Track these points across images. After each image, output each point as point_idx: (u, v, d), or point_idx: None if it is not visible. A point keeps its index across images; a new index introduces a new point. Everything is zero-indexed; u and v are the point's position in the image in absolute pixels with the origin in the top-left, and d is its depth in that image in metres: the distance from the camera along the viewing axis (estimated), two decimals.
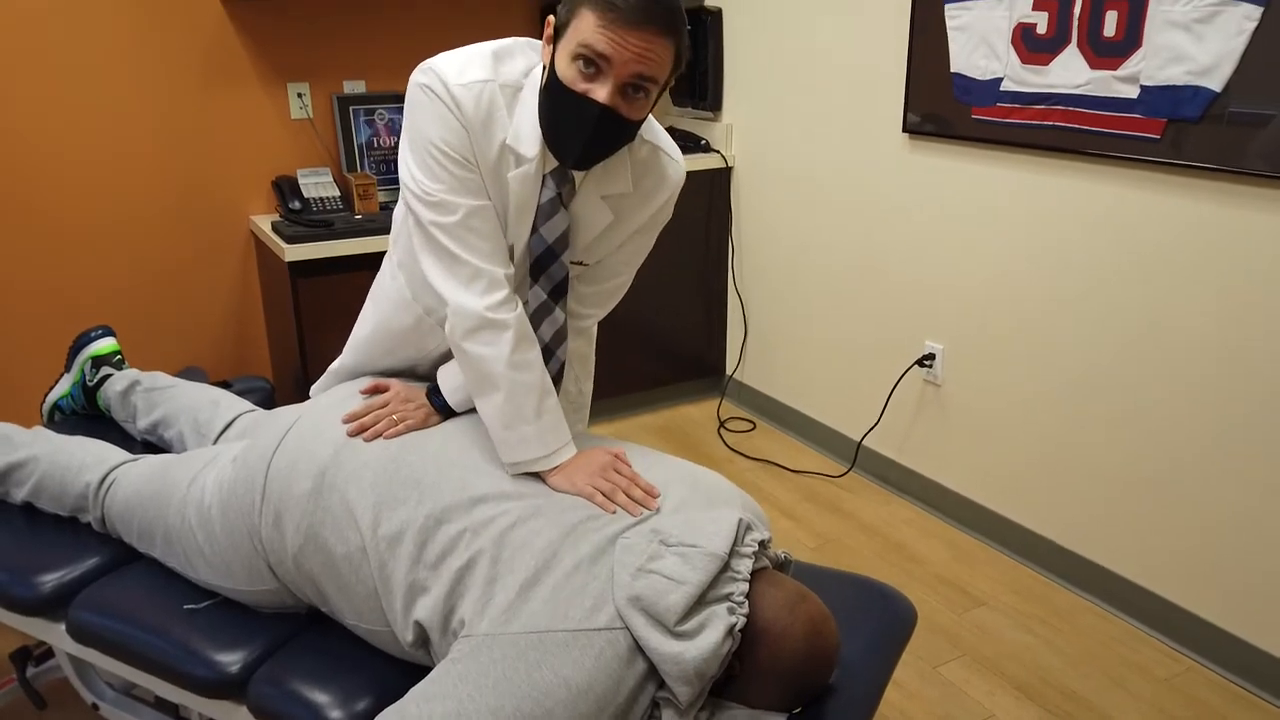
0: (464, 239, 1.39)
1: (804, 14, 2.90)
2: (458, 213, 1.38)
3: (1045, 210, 2.31)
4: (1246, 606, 2.04)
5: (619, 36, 1.25)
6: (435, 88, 1.35)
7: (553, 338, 1.51)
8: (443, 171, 1.37)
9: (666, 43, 1.28)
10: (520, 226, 1.44)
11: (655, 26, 1.25)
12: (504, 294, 1.40)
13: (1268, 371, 1.93)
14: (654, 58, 1.28)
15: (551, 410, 1.42)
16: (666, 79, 1.33)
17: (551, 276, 1.48)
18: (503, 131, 1.38)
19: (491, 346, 1.39)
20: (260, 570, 1.45)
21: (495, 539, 1.27)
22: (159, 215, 2.92)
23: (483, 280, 1.39)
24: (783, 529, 2.68)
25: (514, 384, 1.39)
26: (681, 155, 1.55)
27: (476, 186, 1.40)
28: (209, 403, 1.90)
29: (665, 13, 1.26)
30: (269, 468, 1.43)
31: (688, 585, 1.19)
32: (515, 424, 1.38)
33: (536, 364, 1.42)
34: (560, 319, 1.51)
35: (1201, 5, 1.90)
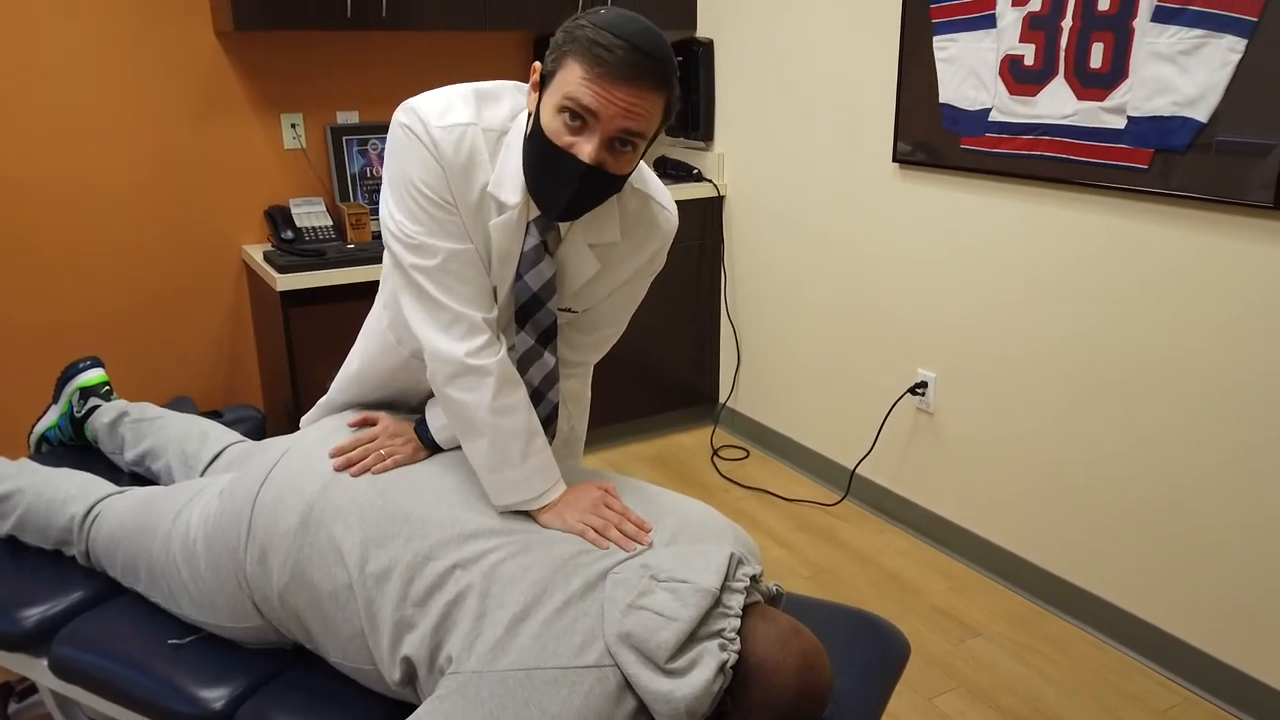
0: (444, 283, 1.35)
1: (794, 44, 2.93)
2: (437, 256, 1.34)
3: (1035, 239, 2.32)
4: (1243, 637, 2.03)
5: (606, 91, 1.21)
6: (415, 129, 1.32)
7: (542, 381, 1.48)
8: (422, 214, 1.34)
9: (656, 96, 1.24)
10: (504, 272, 1.40)
11: (645, 80, 1.21)
12: (485, 339, 1.37)
13: (1260, 399, 1.93)
14: (642, 112, 1.23)
15: (538, 452, 1.39)
16: (656, 131, 1.29)
17: (538, 323, 1.44)
18: (484, 176, 1.35)
19: (473, 393, 1.35)
20: (245, 607, 1.43)
21: (485, 574, 1.25)
22: (150, 244, 2.92)
23: (462, 325, 1.36)
24: (777, 558, 2.67)
25: (498, 429, 1.36)
26: (673, 204, 1.50)
27: (458, 230, 1.35)
28: (197, 434, 1.88)
29: (655, 65, 1.22)
30: (255, 503, 1.42)
31: (679, 622, 1.18)
32: (502, 468, 1.35)
33: (521, 407, 1.39)
34: (550, 363, 1.47)
35: (1186, 38, 1.92)
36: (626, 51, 1.20)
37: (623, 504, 1.40)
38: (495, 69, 3.33)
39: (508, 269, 1.40)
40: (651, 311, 3.29)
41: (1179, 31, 1.93)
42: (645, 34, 1.22)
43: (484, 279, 1.39)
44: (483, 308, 1.38)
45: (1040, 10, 2.18)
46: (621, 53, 1.20)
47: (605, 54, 1.20)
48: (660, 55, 1.22)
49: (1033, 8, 2.20)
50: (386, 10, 2.76)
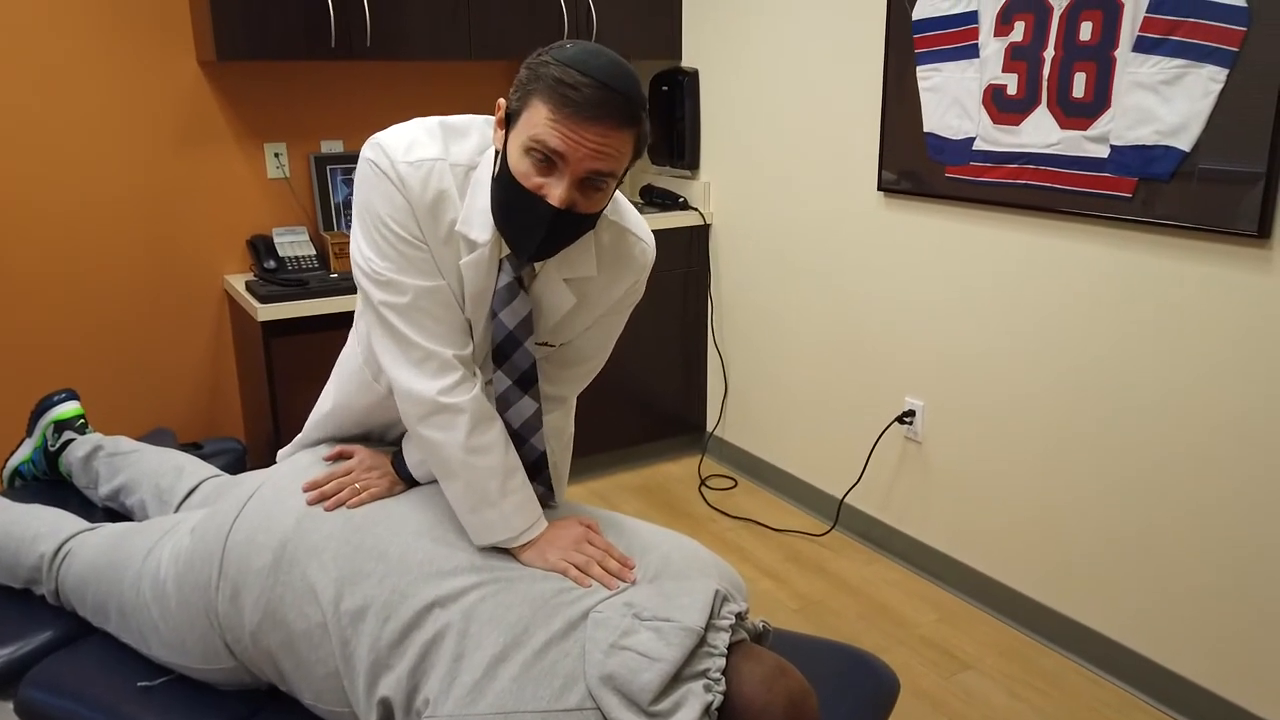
0: (415, 320, 1.32)
1: (779, 74, 2.94)
2: (408, 294, 1.31)
3: (1020, 267, 2.31)
4: (1238, 670, 2.00)
5: (574, 132, 1.18)
6: (381, 164, 1.29)
7: (523, 426, 1.43)
8: (391, 250, 1.31)
9: (626, 134, 1.20)
10: (479, 310, 1.37)
11: (613, 119, 1.18)
12: (457, 376, 1.33)
13: (1248, 430, 1.92)
14: (612, 152, 1.20)
15: (517, 490, 1.35)
16: (627, 166, 1.26)
17: (516, 365, 1.39)
18: (453, 212, 1.32)
19: (446, 431, 1.32)
20: (216, 647, 1.39)
21: (464, 613, 1.22)
22: (131, 274, 2.89)
23: (434, 363, 1.32)
24: (765, 590, 2.63)
25: (473, 469, 1.33)
26: (650, 235, 1.47)
27: (428, 266, 1.32)
28: (172, 468, 1.85)
29: (623, 103, 1.18)
30: (227, 540, 1.39)
31: (662, 663, 1.15)
32: (480, 509, 1.32)
33: (496, 445, 1.35)
34: (529, 409, 1.42)
35: (1168, 67, 1.92)
36: (593, 90, 1.17)
37: (605, 540, 1.37)
38: (479, 98, 3.33)
39: (481, 306, 1.37)
40: (638, 340, 3.28)
41: (1160, 61, 1.94)
42: (612, 69, 1.19)
43: (457, 315, 1.36)
44: (455, 345, 1.35)
45: (1022, 41, 2.19)
46: (588, 91, 1.17)
47: (572, 93, 1.17)
48: (628, 91, 1.19)
49: (1015, 38, 2.21)
50: (371, 40, 2.76)
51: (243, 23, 2.59)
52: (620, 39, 3.17)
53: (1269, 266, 1.84)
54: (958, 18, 2.33)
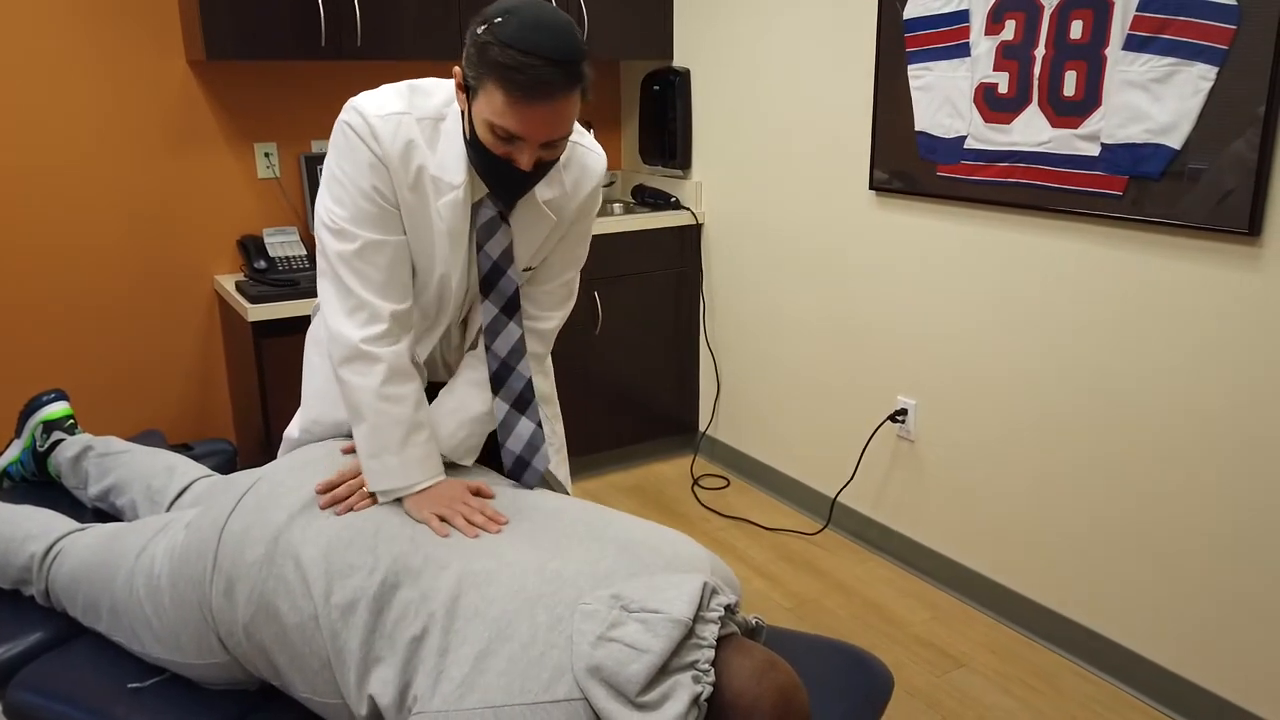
0: (357, 269, 1.42)
1: (771, 73, 2.94)
2: (355, 242, 1.41)
3: (1013, 266, 2.32)
4: (1234, 668, 2.01)
5: (528, 113, 1.28)
6: (354, 122, 1.40)
7: (509, 354, 1.54)
8: (349, 200, 1.41)
9: (574, 96, 1.31)
10: (454, 253, 1.46)
11: (560, 93, 1.28)
12: (383, 328, 1.43)
13: (1240, 428, 1.93)
14: (565, 116, 1.32)
15: (419, 445, 1.44)
16: (583, 104, 1.36)
17: (502, 292, 1.51)
18: (420, 159, 1.42)
19: (362, 377, 1.41)
20: (210, 643, 1.39)
21: (447, 608, 1.22)
22: (120, 275, 2.88)
23: (365, 312, 1.42)
24: (758, 589, 2.63)
25: (380, 414, 1.41)
26: (599, 145, 1.60)
27: (380, 221, 1.42)
28: (163, 468, 1.84)
29: (566, 74, 1.28)
30: (222, 533, 1.38)
31: (650, 654, 1.14)
32: (380, 454, 1.40)
33: (408, 399, 1.44)
34: (515, 334, 1.54)
35: (1158, 66, 1.93)
36: (538, 69, 1.25)
37: (481, 501, 1.43)
38: None
39: (458, 248, 1.47)
40: (630, 339, 3.28)
41: (1151, 60, 1.94)
42: (553, 39, 1.27)
43: (400, 272, 1.46)
44: (391, 298, 1.45)
45: (1013, 39, 2.20)
46: (534, 72, 1.25)
47: (519, 77, 1.26)
48: (570, 55, 1.28)
49: (1006, 37, 2.21)
50: (361, 39, 2.75)
51: (232, 22, 2.59)
52: (612, 39, 3.17)
53: (1259, 265, 1.85)
54: (949, 16, 2.33)
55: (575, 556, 1.32)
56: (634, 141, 3.61)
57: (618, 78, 3.64)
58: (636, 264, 3.23)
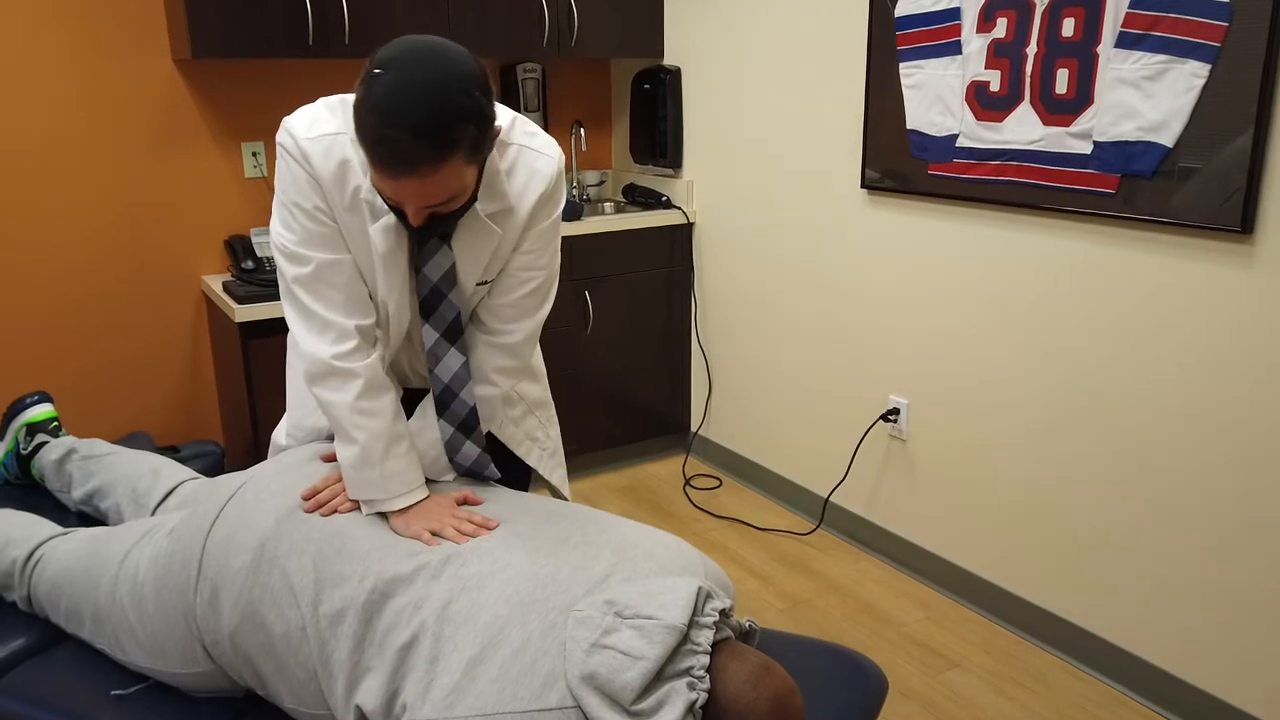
0: (317, 290, 1.40)
1: (762, 71, 2.93)
2: (309, 265, 1.39)
3: (1004, 264, 2.31)
4: (1230, 668, 2.00)
5: (398, 185, 1.22)
6: (287, 144, 1.36)
7: (452, 380, 1.49)
8: (296, 224, 1.38)
9: (450, 164, 1.20)
10: (391, 275, 1.42)
11: (428, 164, 1.19)
12: (353, 344, 1.41)
13: (1233, 427, 1.92)
14: (440, 185, 1.22)
15: (399, 457, 1.42)
16: (480, 158, 1.27)
17: (442, 317, 1.45)
18: (356, 180, 1.37)
19: (338, 393, 1.40)
20: (195, 651, 1.37)
21: (437, 614, 1.20)
22: (106, 275, 2.85)
23: (333, 331, 1.40)
24: (750, 590, 2.62)
25: (358, 429, 1.39)
26: (551, 145, 1.48)
27: (330, 240, 1.39)
28: (148, 471, 1.81)
29: (432, 146, 1.17)
30: (207, 540, 1.36)
31: (645, 661, 1.13)
32: (361, 467, 1.39)
33: (385, 411, 1.42)
34: (456, 362, 1.49)
35: (1150, 63, 1.92)
36: (398, 144, 1.17)
37: (469, 510, 1.41)
38: None
39: (395, 270, 1.42)
40: (622, 339, 3.26)
41: (1143, 57, 1.94)
42: (419, 109, 1.16)
43: (358, 287, 1.43)
44: (356, 314, 1.42)
45: (1005, 37, 2.19)
46: (393, 147, 1.17)
47: (383, 151, 1.19)
48: (436, 129, 1.17)
49: (997, 34, 2.20)
50: (350, 38, 2.73)
51: (219, 20, 2.56)
52: (602, 37, 3.16)
53: (1252, 263, 1.85)
54: (940, 14, 2.32)
55: (569, 561, 1.30)
56: (624, 140, 3.59)
57: (608, 76, 3.62)
58: (627, 263, 3.22)
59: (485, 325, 1.54)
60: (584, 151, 3.59)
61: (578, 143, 3.47)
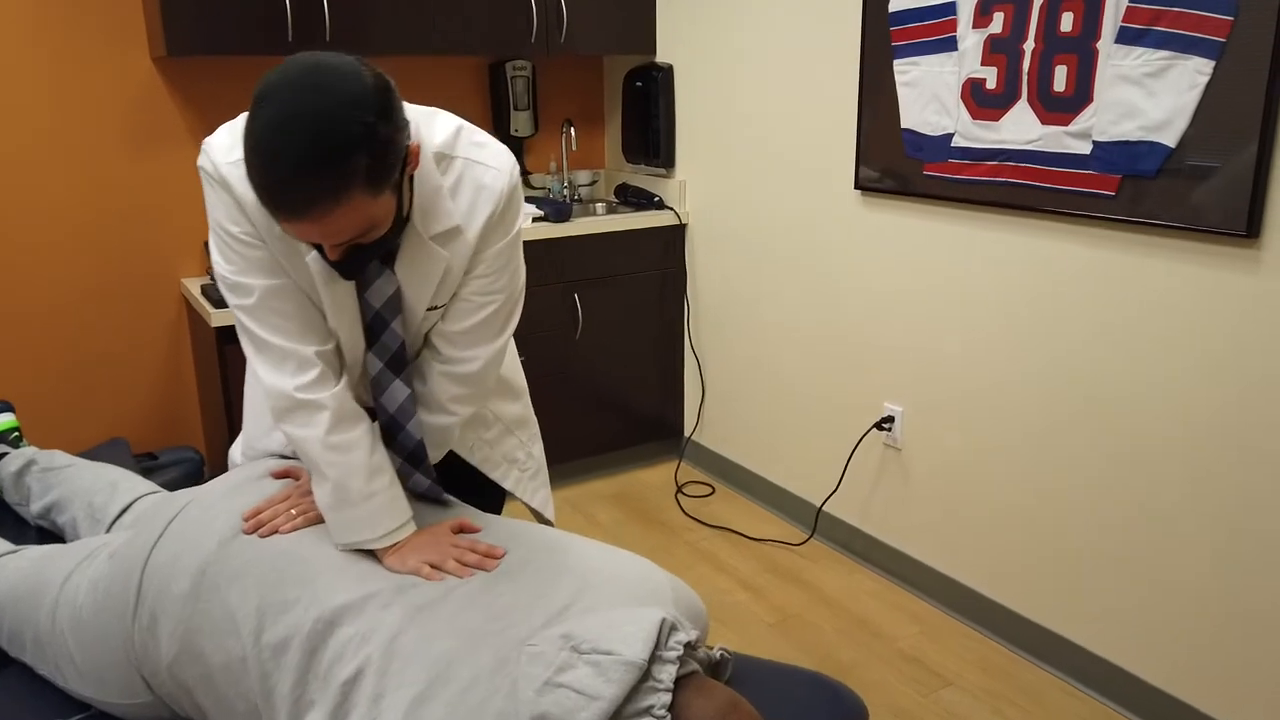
0: (266, 320, 1.30)
1: (755, 69, 2.85)
2: (253, 294, 1.29)
3: (1002, 268, 2.23)
4: (1227, 687, 1.92)
5: (295, 228, 1.11)
6: (207, 168, 1.26)
7: (398, 411, 1.39)
8: (231, 253, 1.28)
9: (341, 207, 1.08)
10: (337, 302, 1.32)
11: (320, 208, 1.08)
12: (315, 373, 1.31)
13: (1237, 436, 1.84)
14: (341, 223, 1.11)
15: (382, 491, 1.31)
16: (389, 184, 1.13)
17: (386, 346, 1.35)
18: None
19: (307, 428, 1.30)
20: (134, 681, 1.30)
21: (384, 646, 1.13)
22: (82, 278, 2.79)
23: (292, 361, 1.30)
24: (741, 603, 2.54)
25: (332, 465, 1.30)
26: (502, 156, 1.35)
27: (268, 265, 1.29)
28: (106, 485, 1.75)
29: (316, 188, 1.06)
30: (146, 563, 1.29)
31: (601, 701, 1.06)
32: (341, 507, 1.29)
33: (359, 444, 1.32)
34: (401, 393, 1.38)
35: (1152, 59, 1.84)
36: (285, 187, 1.06)
37: (470, 539, 1.32)
38: (448, 96, 3.23)
39: (339, 295, 1.32)
40: (613, 343, 3.19)
41: (1144, 53, 1.85)
42: (298, 146, 1.05)
43: (308, 311, 1.33)
44: (312, 341, 1.32)
45: (1001, 32, 2.10)
46: (280, 191, 1.07)
47: (267, 197, 1.08)
48: (322, 166, 1.05)
49: (994, 30, 2.12)
50: (330, 34, 2.66)
51: (195, 16, 2.49)
52: (592, 34, 3.08)
53: (1258, 268, 1.76)
54: (936, 9, 2.24)
55: (528, 589, 1.23)
56: (618, 139, 3.52)
57: (601, 74, 3.54)
58: (619, 265, 3.14)
59: (440, 353, 1.42)
60: (574, 151, 3.52)
61: (568, 142, 3.39)
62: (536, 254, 2.96)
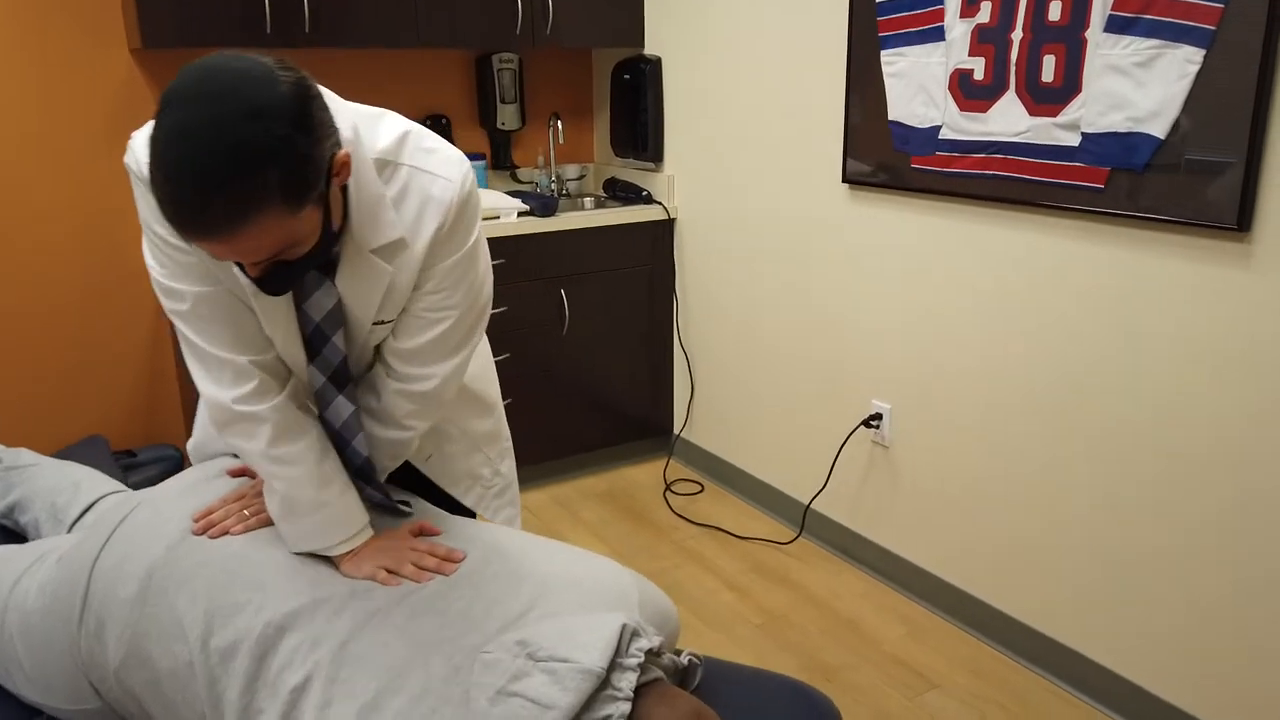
0: (200, 328, 1.23)
1: (743, 60, 2.80)
2: (187, 300, 1.21)
3: (989, 263, 2.18)
4: (1219, 692, 1.88)
5: (204, 247, 1.02)
6: (133, 166, 1.18)
7: (343, 427, 1.32)
8: (163, 255, 1.21)
9: (255, 221, 0.99)
10: (271, 312, 1.24)
11: (222, 229, 0.99)
12: (253, 384, 1.24)
13: (1227, 433, 1.79)
14: (254, 242, 1.01)
15: (333, 501, 1.26)
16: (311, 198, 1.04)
17: (327, 360, 1.28)
18: None
19: (249, 441, 1.25)
20: (82, 688, 1.26)
21: (334, 653, 1.09)
22: (61, 273, 2.75)
23: (228, 371, 1.24)
24: (726, 603, 2.51)
25: (278, 478, 1.25)
26: (455, 165, 1.24)
27: (199, 271, 1.21)
28: (69, 485, 1.72)
29: (223, 205, 0.96)
30: (93, 568, 1.26)
31: (555, 710, 1.02)
32: (290, 517, 1.25)
33: (305, 457, 1.26)
34: (345, 410, 1.31)
35: (1141, 48, 1.79)
36: (186, 205, 0.97)
37: (429, 543, 1.28)
38: (433, 89, 3.19)
39: (272, 306, 1.24)
40: (600, 340, 3.15)
41: (1134, 42, 1.81)
42: (199, 159, 0.96)
43: (245, 320, 1.25)
44: (249, 350, 1.25)
45: (989, 22, 2.06)
46: (181, 209, 0.98)
47: (169, 213, 0.99)
48: (225, 184, 0.96)
49: (981, 19, 2.07)
50: (310, 25, 2.62)
51: (170, 7, 2.45)
52: (578, 26, 3.04)
53: (1248, 262, 1.72)
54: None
55: (486, 594, 1.19)
56: (606, 133, 3.48)
57: (589, 67, 3.50)
58: (606, 261, 3.10)
59: (394, 370, 1.34)
60: (562, 144, 3.48)
61: (555, 135, 3.35)
62: (522, 249, 2.92)
